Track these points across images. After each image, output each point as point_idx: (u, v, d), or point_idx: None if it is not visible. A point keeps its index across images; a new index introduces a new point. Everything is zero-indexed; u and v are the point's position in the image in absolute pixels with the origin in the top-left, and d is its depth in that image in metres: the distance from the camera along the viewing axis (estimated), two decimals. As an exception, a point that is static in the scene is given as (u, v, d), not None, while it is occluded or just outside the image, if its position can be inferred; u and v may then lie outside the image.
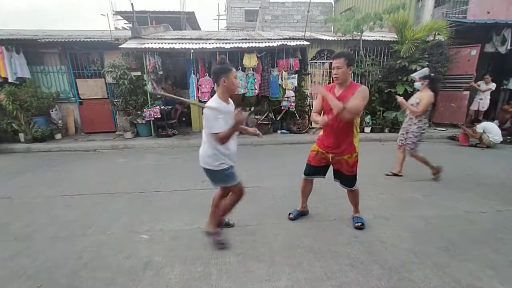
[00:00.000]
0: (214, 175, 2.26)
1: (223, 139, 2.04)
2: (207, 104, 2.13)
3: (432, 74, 3.86)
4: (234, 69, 2.21)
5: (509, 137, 6.21)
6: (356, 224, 2.70)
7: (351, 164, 2.52)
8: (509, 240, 2.48)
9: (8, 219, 2.97)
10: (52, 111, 6.72)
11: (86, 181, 4.10)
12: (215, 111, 2.06)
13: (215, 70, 2.19)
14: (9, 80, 6.20)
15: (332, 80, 2.53)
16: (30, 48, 6.51)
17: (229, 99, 2.25)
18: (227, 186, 2.33)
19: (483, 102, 7.02)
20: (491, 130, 5.64)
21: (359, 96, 2.28)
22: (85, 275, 2.09)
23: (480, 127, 5.73)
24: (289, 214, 2.92)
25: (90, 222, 2.88)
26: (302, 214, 2.95)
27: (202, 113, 2.13)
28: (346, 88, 2.40)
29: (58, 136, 6.68)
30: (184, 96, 7.48)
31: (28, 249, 2.43)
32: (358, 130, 2.52)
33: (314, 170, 2.71)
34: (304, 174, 2.78)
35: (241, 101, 6.85)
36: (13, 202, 3.42)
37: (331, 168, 2.73)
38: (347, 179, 2.60)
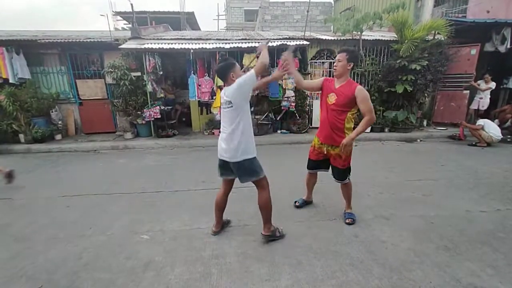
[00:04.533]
0: (252, 165, 2.27)
1: (259, 68, 2.18)
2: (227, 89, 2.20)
3: None
4: (237, 63, 2.27)
5: (509, 136, 6.21)
6: (347, 220, 2.77)
7: (344, 158, 2.63)
8: (509, 239, 2.47)
9: (8, 220, 2.97)
10: (52, 112, 6.72)
11: (86, 181, 4.10)
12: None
13: (221, 68, 2.22)
14: (10, 81, 6.21)
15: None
16: (30, 49, 6.51)
17: None
18: (260, 178, 2.33)
19: (483, 101, 7.01)
20: (491, 126, 5.66)
21: (363, 100, 2.42)
22: (85, 276, 2.09)
23: (481, 121, 5.82)
24: (295, 202, 3.11)
25: (90, 222, 2.88)
26: (307, 203, 3.16)
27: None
28: (344, 83, 2.53)
29: (58, 136, 6.68)
30: (184, 96, 7.49)
31: (28, 250, 2.43)
32: (353, 125, 2.61)
33: (314, 164, 2.87)
34: (307, 168, 2.95)
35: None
36: (13, 203, 3.42)
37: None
38: (339, 172, 2.70)
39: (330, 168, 2.79)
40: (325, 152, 2.69)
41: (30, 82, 6.43)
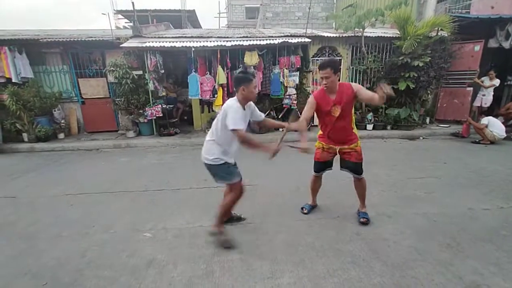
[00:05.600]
0: (218, 170, 2.34)
1: (244, 139, 2.16)
2: (230, 103, 2.23)
3: None
4: (254, 80, 2.28)
5: (513, 134, 6.15)
6: (361, 220, 2.73)
7: (359, 152, 2.65)
8: (512, 237, 2.46)
9: (13, 218, 3.01)
10: (54, 111, 6.76)
11: (89, 180, 4.13)
12: (240, 109, 2.21)
13: (237, 77, 2.30)
14: (13, 80, 6.24)
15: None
16: (32, 48, 6.54)
17: (247, 104, 2.34)
18: (228, 183, 2.40)
19: (485, 98, 6.94)
20: (495, 124, 5.61)
21: (361, 88, 2.49)
22: (88, 274, 2.11)
23: (485, 119, 5.74)
24: (302, 208, 3.02)
25: (93, 221, 2.91)
26: (313, 207, 3.08)
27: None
28: (338, 91, 2.51)
29: (61, 135, 6.72)
30: (185, 95, 7.47)
31: (32, 248, 2.46)
32: (355, 121, 2.71)
33: (322, 166, 2.83)
34: (315, 171, 2.88)
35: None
36: (17, 201, 3.45)
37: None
38: (356, 166, 2.68)
39: (346, 164, 2.71)
40: (338, 152, 2.70)
41: (33, 81, 6.47)
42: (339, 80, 2.52)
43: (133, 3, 7.47)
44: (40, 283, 2.02)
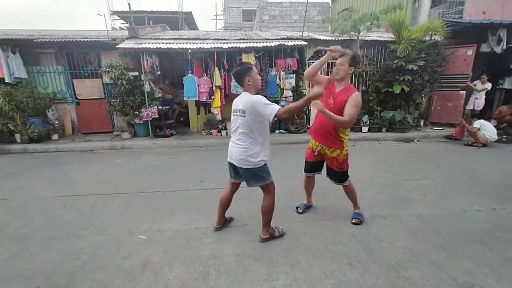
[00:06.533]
0: (258, 171, 2.29)
1: (287, 113, 2.09)
2: (249, 97, 2.18)
3: None
4: (254, 67, 2.29)
5: (504, 136, 6.26)
6: (353, 220, 2.79)
7: (340, 162, 2.64)
8: (504, 238, 2.50)
9: (5, 221, 2.95)
10: (48, 112, 6.68)
11: (83, 181, 4.08)
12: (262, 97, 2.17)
13: (237, 72, 2.27)
14: (6, 81, 6.16)
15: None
16: (26, 48, 6.46)
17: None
18: (266, 184, 2.35)
19: (478, 101, 7.08)
20: (487, 128, 5.71)
21: (352, 104, 2.36)
22: (82, 276, 2.08)
23: (477, 122, 5.83)
24: (297, 208, 3.06)
25: (88, 222, 2.87)
26: (308, 207, 3.11)
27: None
28: (343, 88, 2.52)
29: (55, 136, 6.63)
30: (181, 96, 7.47)
31: (25, 250, 2.42)
32: (348, 133, 2.62)
33: (311, 167, 2.86)
34: (304, 171, 2.94)
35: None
36: (9, 203, 3.39)
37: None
38: (337, 175, 2.71)
39: (329, 171, 2.76)
40: (321, 153, 2.69)
41: (27, 81, 6.39)
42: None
43: (129, 4, 7.45)
44: (32, 286, 1.99)
